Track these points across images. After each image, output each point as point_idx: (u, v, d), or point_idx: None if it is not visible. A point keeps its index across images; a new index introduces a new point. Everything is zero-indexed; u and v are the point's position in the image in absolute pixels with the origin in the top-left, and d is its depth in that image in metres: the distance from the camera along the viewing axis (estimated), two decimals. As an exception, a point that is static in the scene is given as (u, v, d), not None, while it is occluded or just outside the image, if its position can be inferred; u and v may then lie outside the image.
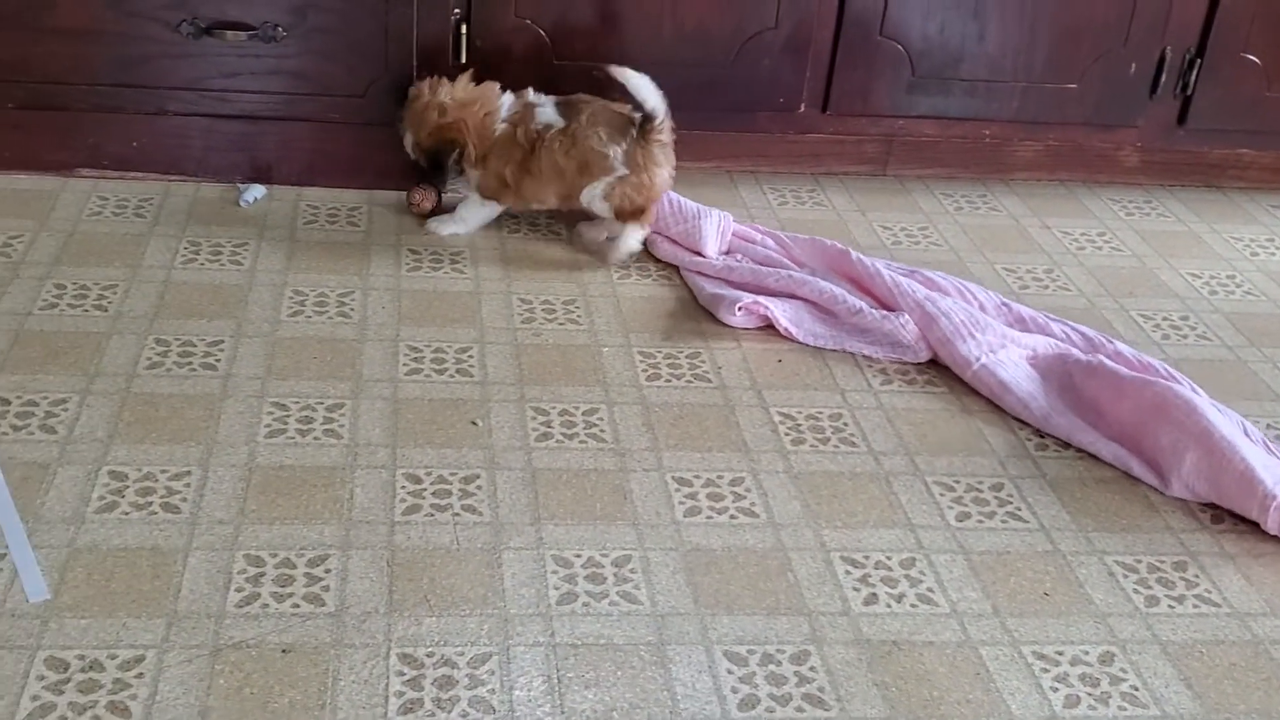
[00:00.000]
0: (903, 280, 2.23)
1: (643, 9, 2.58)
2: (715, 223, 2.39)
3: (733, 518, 1.73)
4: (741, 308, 2.17)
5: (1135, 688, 1.50)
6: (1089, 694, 1.49)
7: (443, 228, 2.42)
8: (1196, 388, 2.03)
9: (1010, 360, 2.10)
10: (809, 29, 2.64)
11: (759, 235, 2.45)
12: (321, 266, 2.27)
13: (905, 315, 2.16)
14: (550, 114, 2.31)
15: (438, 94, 2.33)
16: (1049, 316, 2.26)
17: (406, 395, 1.93)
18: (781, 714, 1.42)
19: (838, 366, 2.11)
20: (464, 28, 2.51)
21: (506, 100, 2.35)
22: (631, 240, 2.34)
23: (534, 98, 2.35)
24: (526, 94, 2.36)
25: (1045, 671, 1.52)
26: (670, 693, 1.44)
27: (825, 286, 2.24)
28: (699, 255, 2.37)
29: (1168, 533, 1.78)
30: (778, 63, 2.66)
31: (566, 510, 1.71)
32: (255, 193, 2.49)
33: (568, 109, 2.32)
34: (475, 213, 2.41)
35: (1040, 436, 1.97)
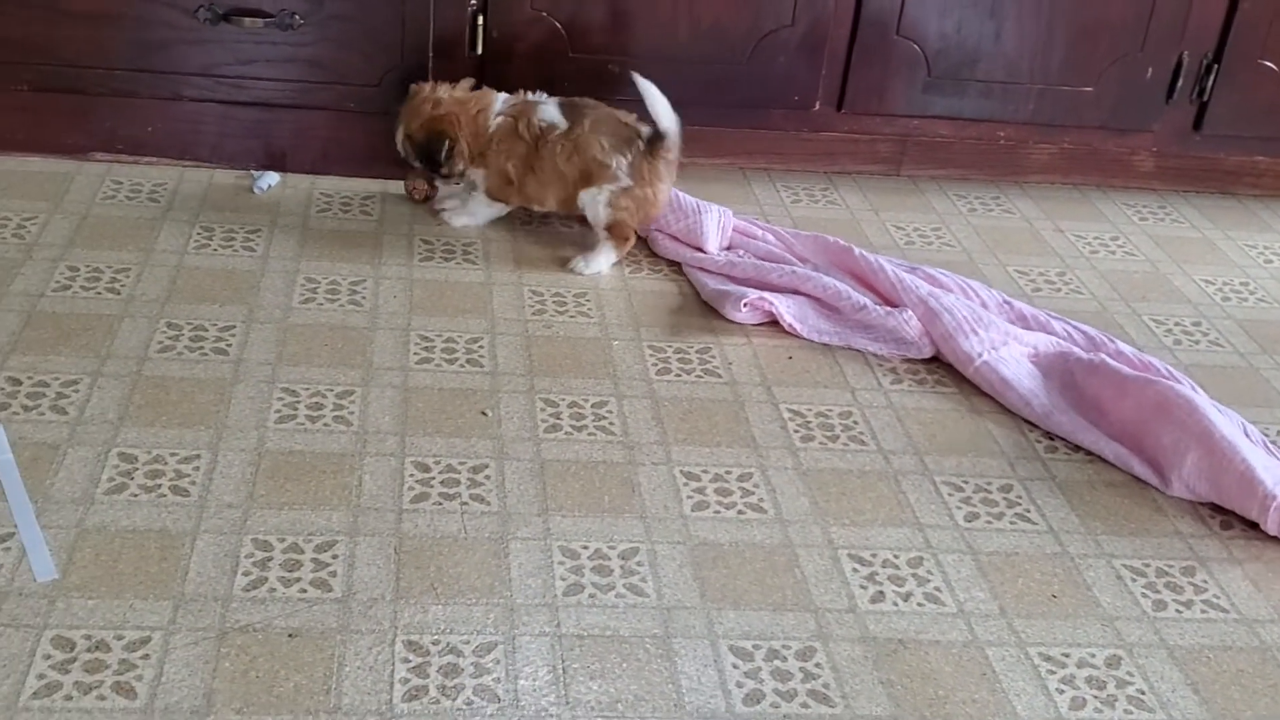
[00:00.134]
0: (906, 276, 2.23)
1: (659, 5, 2.57)
2: (715, 219, 2.38)
3: (740, 513, 1.73)
4: (747, 303, 2.17)
5: (1142, 692, 1.50)
6: (1095, 696, 1.49)
7: (455, 219, 2.42)
8: (1196, 387, 2.03)
9: (1012, 358, 2.10)
10: (825, 27, 2.64)
11: (759, 230, 2.45)
12: (334, 254, 2.28)
13: (908, 311, 2.16)
14: (553, 113, 2.30)
15: (436, 92, 2.34)
16: (1050, 315, 2.26)
17: (417, 384, 1.93)
18: (786, 709, 1.42)
19: (848, 364, 2.11)
20: (480, 18, 2.51)
21: (501, 97, 2.35)
22: (603, 259, 2.32)
23: (534, 95, 2.35)
24: (524, 92, 2.35)
25: (1051, 673, 1.51)
26: (675, 686, 1.44)
27: (829, 282, 2.24)
28: (700, 251, 2.37)
29: (1176, 537, 1.78)
30: (793, 60, 2.65)
31: (574, 502, 1.71)
32: (269, 180, 2.49)
33: (571, 111, 2.31)
34: (484, 209, 2.42)
35: (1050, 438, 1.96)
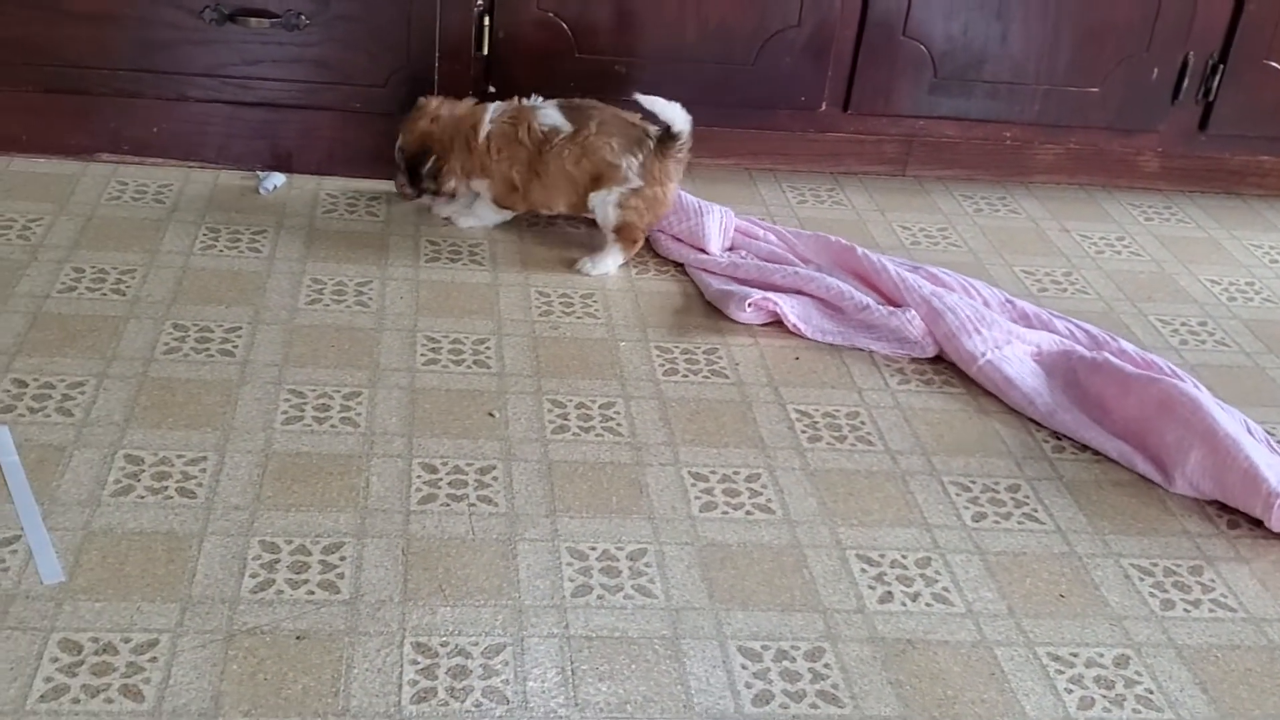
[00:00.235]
0: (909, 276, 2.23)
1: (665, 5, 2.57)
2: (718, 219, 2.38)
3: (748, 514, 1.73)
4: (751, 304, 2.17)
5: (1150, 691, 1.50)
6: (1104, 696, 1.48)
7: (462, 220, 2.42)
8: (1199, 385, 2.02)
9: (1015, 356, 2.10)
10: (832, 28, 2.64)
11: (761, 231, 2.45)
12: (340, 255, 2.27)
13: (911, 311, 2.16)
14: (555, 117, 2.29)
15: (440, 108, 2.34)
16: (1053, 313, 2.26)
17: (423, 385, 1.93)
18: (795, 710, 1.42)
19: (855, 365, 2.11)
20: (486, 19, 2.51)
21: (492, 107, 2.34)
22: (611, 260, 2.32)
23: (532, 100, 2.34)
24: (519, 99, 2.34)
25: (1060, 673, 1.51)
26: (684, 687, 1.43)
27: (832, 283, 2.24)
28: (703, 252, 2.36)
29: (1184, 536, 1.78)
30: (799, 61, 2.65)
31: (582, 503, 1.71)
32: (275, 181, 2.49)
33: (574, 113, 2.30)
34: (490, 214, 2.41)
35: (1057, 438, 1.96)
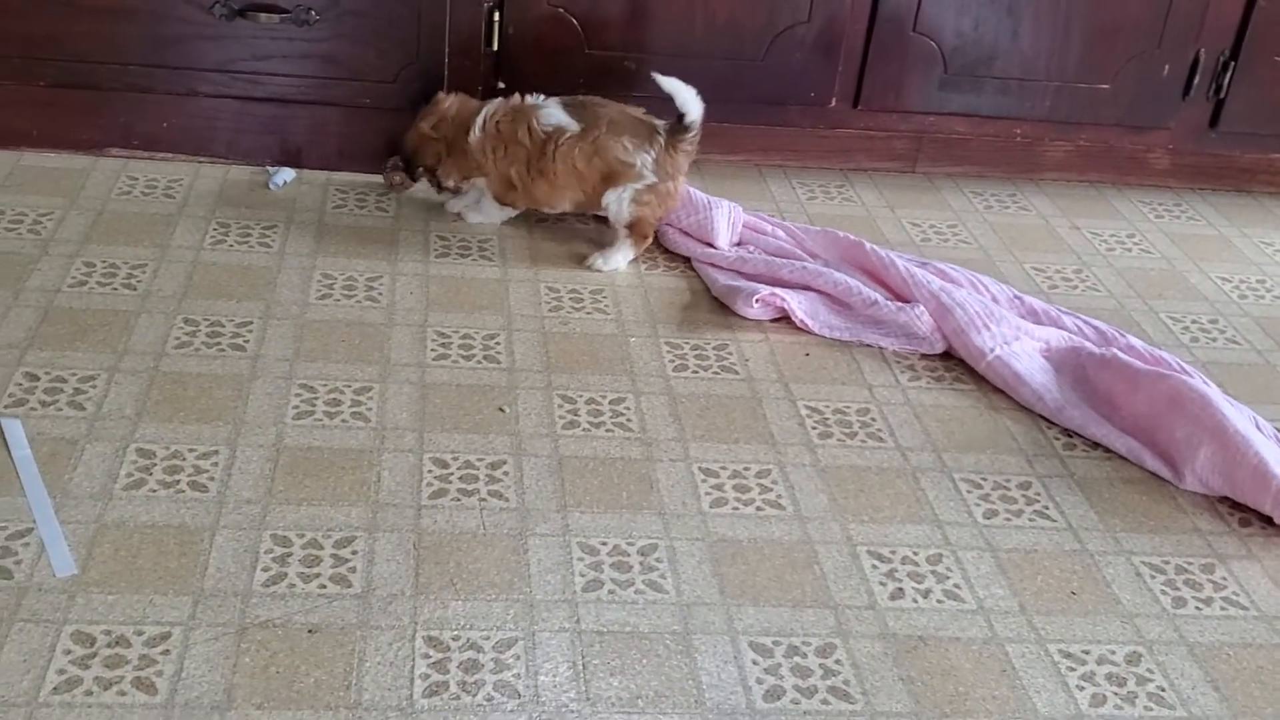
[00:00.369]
0: (917, 271, 2.23)
1: (675, 1, 2.57)
2: (726, 214, 2.37)
3: (759, 509, 1.73)
4: (758, 299, 2.17)
5: (1162, 688, 1.50)
6: (1115, 693, 1.48)
7: (471, 216, 2.42)
8: (1208, 381, 2.02)
9: (1024, 352, 2.10)
10: (842, 24, 2.63)
11: (769, 226, 2.44)
12: (350, 250, 2.27)
13: (920, 307, 2.15)
14: (559, 115, 2.28)
15: (450, 108, 2.33)
16: (1061, 310, 2.25)
17: (434, 380, 1.93)
18: (806, 706, 1.42)
19: (865, 361, 2.11)
20: (496, 15, 2.51)
21: (489, 105, 2.31)
22: (621, 256, 2.32)
23: (532, 99, 2.32)
24: (519, 96, 2.33)
25: (1071, 670, 1.51)
26: (695, 682, 1.43)
27: (840, 278, 2.24)
28: (710, 247, 2.36)
29: (1195, 534, 1.77)
30: (809, 57, 2.65)
31: (593, 498, 1.71)
32: (285, 176, 2.50)
33: (579, 111, 2.28)
34: (495, 210, 2.41)
35: (1068, 435, 1.96)
